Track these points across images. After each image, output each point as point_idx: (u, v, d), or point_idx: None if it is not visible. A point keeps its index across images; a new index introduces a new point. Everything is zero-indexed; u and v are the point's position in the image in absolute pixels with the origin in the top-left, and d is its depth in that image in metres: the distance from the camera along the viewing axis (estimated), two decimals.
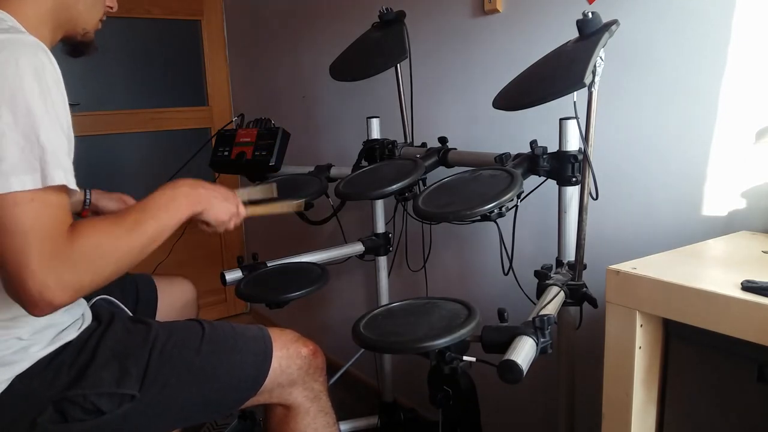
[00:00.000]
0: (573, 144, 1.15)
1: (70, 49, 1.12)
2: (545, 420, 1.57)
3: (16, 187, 0.82)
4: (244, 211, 1.16)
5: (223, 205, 1.10)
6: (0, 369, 0.97)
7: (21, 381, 0.98)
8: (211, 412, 1.15)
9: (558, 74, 1.05)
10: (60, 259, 0.84)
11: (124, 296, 1.32)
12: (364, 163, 1.63)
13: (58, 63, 0.92)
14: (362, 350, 1.67)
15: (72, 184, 0.88)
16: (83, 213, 1.43)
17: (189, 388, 1.08)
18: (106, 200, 1.42)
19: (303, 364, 1.19)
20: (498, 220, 1.07)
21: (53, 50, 0.95)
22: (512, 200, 1.04)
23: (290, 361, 1.17)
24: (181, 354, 1.08)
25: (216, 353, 1.11)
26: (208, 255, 2.88)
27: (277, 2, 2.44)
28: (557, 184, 1.18)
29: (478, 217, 1.02)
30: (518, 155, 1.21)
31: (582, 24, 1.05)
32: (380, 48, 1.57)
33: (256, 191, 1.29)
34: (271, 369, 1.14)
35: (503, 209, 1.04)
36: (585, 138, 1.08)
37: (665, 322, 0.90)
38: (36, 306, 0.84)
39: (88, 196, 1.41)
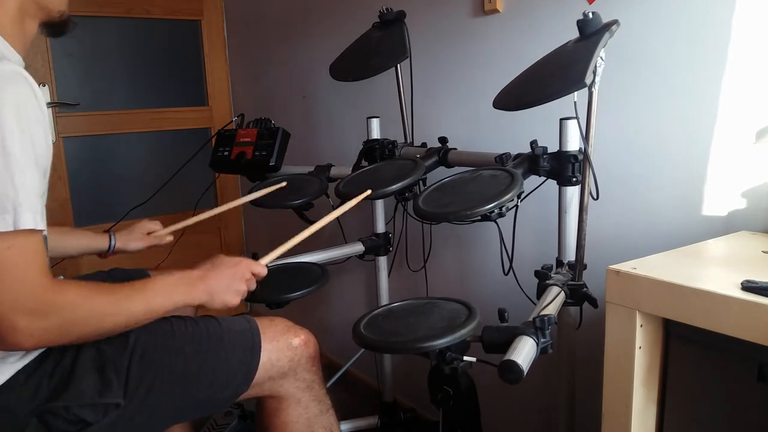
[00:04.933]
0: (573, 144, 1.15)
1: (50, 32, 1.08)
2: (545, 420, 1.57)
3: None
4: (263, 272, 1.18)
5: (228, 292, 1.11)
6: None
7: (2, 395, 0.96)
8: (201, 410, 1.13)
9: (558, 74, 1.05)
10: (34, 308, 0.86)
11: None
12: (364, 163, 1.63)
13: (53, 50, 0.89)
14: (362, 350, 1.67)
15: (40, 225, 0.87)
16: (107, 256, 1.40)
17: (175, 390, 1.05)
18: (132, 242, 1.42)
19: (294, 355, 1.15)
20: (498, 220, 1.07)
21: (38, 38, 0.92)
22: (512, 200, 1.04)
23: (281, 354, 1.14)
24: (163, 357, 1.05)
25: (201, 352, 1.08)
26: (207, 255, 2.86)
27: (277, 2, 2.44)
28: (557, 184, 1.18)
29: (478, 217, 1.03)
30: (518, 155, 1.21)
31: (582, 24, 1.05)
32: (380, 48, 1.57)
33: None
34: (260, 363, 1.11)
35: (503, 209, 1.04)
36: (585, 138, 1.08)
37: (665, 322, 0.90)
38: (1, 343, 0.86)
39: (113, 241, 1.40)
